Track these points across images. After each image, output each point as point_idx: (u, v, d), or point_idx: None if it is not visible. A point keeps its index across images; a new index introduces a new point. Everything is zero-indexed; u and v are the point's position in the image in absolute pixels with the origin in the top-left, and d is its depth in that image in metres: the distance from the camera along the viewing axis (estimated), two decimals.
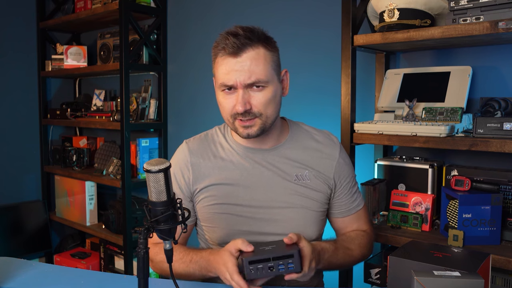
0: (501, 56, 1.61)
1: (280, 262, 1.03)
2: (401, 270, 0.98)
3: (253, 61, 1.15)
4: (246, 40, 1.14)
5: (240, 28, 1.16)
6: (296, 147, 1.30)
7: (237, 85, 1.15)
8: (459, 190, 1.47)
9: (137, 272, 0.90)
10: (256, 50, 1.16)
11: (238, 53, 1.14)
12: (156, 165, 0.89)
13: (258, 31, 1.18)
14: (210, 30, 2.53)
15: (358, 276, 1.75)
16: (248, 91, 1.16)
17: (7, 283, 1.17)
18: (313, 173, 1.28)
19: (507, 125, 1.36)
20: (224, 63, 1.16)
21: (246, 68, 1.14)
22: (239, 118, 1.18)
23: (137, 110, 2.64)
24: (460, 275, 0.86)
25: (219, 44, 1.17)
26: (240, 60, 1.14)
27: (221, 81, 1.17)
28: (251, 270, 1.03)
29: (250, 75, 1.14)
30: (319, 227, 1.31)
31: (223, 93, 1.19)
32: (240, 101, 1.15)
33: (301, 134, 1.33)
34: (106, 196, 3.17)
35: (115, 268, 2.85)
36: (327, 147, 1.32)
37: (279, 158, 1.28)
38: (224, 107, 1.20)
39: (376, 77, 1.88)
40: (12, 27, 3.15)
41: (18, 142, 3.22)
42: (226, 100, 1.19)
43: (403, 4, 1.55)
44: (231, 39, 1.14)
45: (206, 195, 1.27)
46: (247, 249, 1.06)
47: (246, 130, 1.19)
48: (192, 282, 1.22)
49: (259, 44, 1.16)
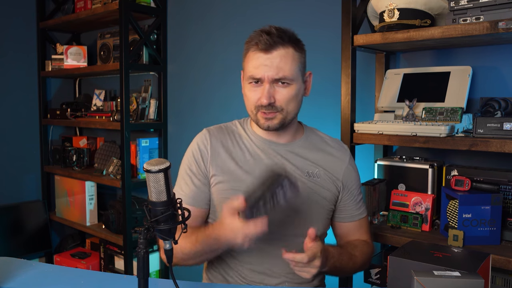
0: (501, 56, 1.61)
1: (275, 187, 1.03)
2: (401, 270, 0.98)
3: (282, 59, 1.21)
4: (278, 38, 1.21)
5: (274, 28, 1.24)
6: (308, 147, 1.36)
7: (264, 79, 1.22)
8: (459, 190, 1.47)
9: (137, 272, 0.90)
10: (286, 49, 1.22)
11: (269, 50, 1.21)
12: (156, 165, 0.89)
13: (289, 32, 1.25)
14: (210, 30, 2.53)
15: (358, 276, 1.75)
16: (273, 86, 1.23)
17: (7, 283, 1.17)
18: (323, 173, 1.33)
19: (507, 125, 1.36)
20: (255, 57, 1.22)
21: (275, 64, 1.21)
22: (262, 111, 1.24)
23: (137, 110, 2.64)
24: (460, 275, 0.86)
25: (252, 39, 1.24)
26: (271, 56, 1.21)
27: (250, 73, 1.24)
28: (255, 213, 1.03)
29: (278, 71, 1.21)
30: (324, 224, 1.34)
31: (250, 85, 1.25)
32: (265, 95, 1.21)
33: (314, 137, 1.39)
34: (106, 196, 3.17)
35: (115, 268, 2.85)
36: (338, 152, 1.38)
37: (292, 154, 1.33)
38: (249, 98, 1.26)
39: (376, 77, 1.88)
40: (12, 27, 3.15)
41: (18, 142, 3.22)
42: (252, 92, 1.25)
43: (403, 4, 1.54)
44: (264, 36, 1.20)
45: (220, 179, 1.30)
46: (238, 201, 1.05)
47: (267, 122, 1.26)
48: (192, 282, 1.22)
49: (289, 44, 1.23)
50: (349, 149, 1.42)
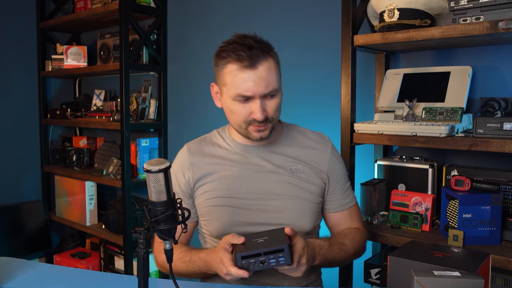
0: (501, 56, 1.61)
1: (271, 256, 1.08)
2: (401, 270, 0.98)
3: (268, 72, 1.21)
4: (259, 51, 1.20)
5: (250, 39, 1.21)
6: (290, 144, 1.37)
7: (255, 95, 1.21)
8: (459, 190, 1.47)
9: (137, 272, 0.90)
10: (268, 61, 1.22)
11: (255, 65, 1.19)
12: (156, 165, 0.89)
13: (265, 42, 1.24)
14: (210, 31, 2.53)
15: (358, 276, 1.75)
16: (264, 100, 1.23)
17: (7, 283, 1.17)
18: (307, 167, 1.34)
19: (507, 125, 1.36)
20: (241, 75, 1.20)
21: (263, 79, 1.20)
22: (254, 125, 1.25)
23: (137, 110, 2.64)
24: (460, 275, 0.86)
25: (230, 54, 1.20)
26: (257, 71, 1.20)
27: (237, 92, 1.21)
28: (243, 264, 1.08)
29: (267, 86, 1.21)
30: (313, 218, 1.34)
31: (237, 102, 1.23)
32: (259, 110, 1.21)
33: (295, 133, 1.40)
34: (106, 196, 3.17)
35: (115, 268, 2.85)
36: (319, 145, 1.39)
37: (274, 154, 1.34)
38: (238, 114, 1.25)
39: (376, 77, 1.88)
40: (12, 27, 3.15)
41: (18, 142, 3.22)
42: (241, 109, 1.24)
43: (403, 4, 1.54)
44: (247, 52, 1.18)
45: (204, 190, 1.33)
46: (238, 241, 1.11)
47: (260, 134, 1.27)
48: (192, 282, 1.23)
49: (268, 55, 1.23)
50: (330, 140, 1.42)
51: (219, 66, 1.25)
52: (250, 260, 1.08)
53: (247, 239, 1.13)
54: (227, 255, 1.11)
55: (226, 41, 1.25)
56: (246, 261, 1.08)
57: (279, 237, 1.11)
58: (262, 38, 1.25)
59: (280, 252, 1.07)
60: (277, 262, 1.08)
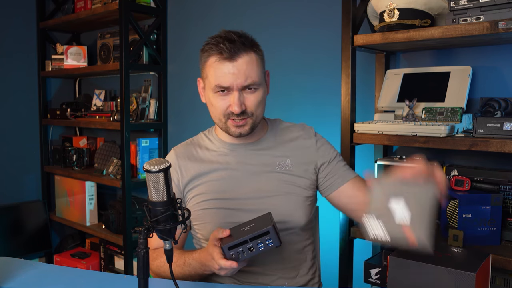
0: (501, 56, 1.61)
1: (258, 241, 1.06)
2: (401, 270, 0.98)
3: (248, 65, 1.22)
4: (241, 45, 1.21)
5: (233, 34, 1.23)
6: (275, 140, 1.37)
7: (233, 87, 1.22)
8: (459, 190, 1.47)
9: (137, 272, 0.90)
10: (250, 55, 1.23)
11: (235, 58, 1.21)
12: (156, 165, 0.89)
13: (249, 37, 1.26)
14: (210, 31, 2.51)
15: (358, 276, 1.75)
16: (242, 93, 1.23)
17: (7, 283, 1.17)
18: (295, 161, 1.34)
19: (507, 125, 1.36)
20: (220, 66, 1.22)
21: (242, 72, 1.21)
22: (232, 118, 1.25)
23: (137, 110, 2.64)
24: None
25: (212, 48, 1.23)
26: (236, 64, 1.21)
27: (216, 82, 1.23)
28: (232, 255, 1.07)
29: (246, 78, 1.21)
30: (306, 212, 1.33)
31: (217, 94, 1.25)
32: (236, 103, 1.22)
33: (279, 129, 1.40)
34: (106, 196, 3.17)
35: (115, 268, 2.85)
36: (304, 135, 1.39)
37: (261, 151, 1.35)
38: (217, 107, 1.26)
39: (376, 77, 1.88)
40: (12, 27, 3.15)
41: (18, 142, 3.21)
42: (220, 101, 1.25)
43: (403, 4, 1.54)
44: (227, 44, 1.20)
45: (195, 193, 1.32)
46: (223, 234, 1.10)
47: (239, 130, 1.27)
48: (192, 282, 1.22)
49: (251, 49, 1.24)
50: (313, 128, 1.41)
51: (202, 59, 1.27)
52: (237, 249, 1.07)
53: (233, 230, 1.12)
54: (216, 249, 1.10)
55: (211, 36, 1.28)
56: (233, 251, 1.07)
57: (264, 221, 1.10)
58: (247, 34, 1.26)
59: (266, 235, 1.06)
60: (265, 246, 1.06)
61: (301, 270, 1.33)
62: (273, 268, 1.28)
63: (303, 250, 1.34)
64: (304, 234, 1.34)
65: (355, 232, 1.68)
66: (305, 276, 1.33)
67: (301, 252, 1.34)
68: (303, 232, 1.34)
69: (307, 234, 1.36)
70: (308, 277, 1.34)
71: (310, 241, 1.38)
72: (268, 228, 1.05)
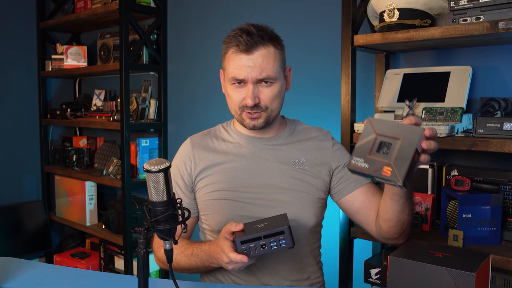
0: (501, 56, 1.61)
1: (271, 240, 1.06)
2: (401, 270, 0.98)
3: (264, 59, 1.22)
4: (258, 38, 1.22)
5: (253, 27, 1.24)
6: (293, 138, 1.38)
7: (248, 79, 1.23)
8: (459, 190, 1.47)
9: (137, 272, 0.90)
10: (268, 48, 1.23)
11: (251, 51, 1.21)
12: (156, 165, 0.89)
13: (269, 30, 1.26)
14: (210, 30, 2.53)
15: (358, 276, 1.75)
16: (257, 86, 1.24)
17: (7, 283, 1.17)
18: (310, 160, 1.34)
19: (507, 125, 1.36)
20: (237, 58, 1.23)
21: (258, 65, 1.22)
22: (247, 111, 1.26)
23: (137, 110, 2.64)
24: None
25: (231, 40, 1.24)
26: (253, 57, 1.22)
27: (232, 74, 1.24)
28: (243, 249, 1.07)
29: (261, 71, 1.22)
30: (316, 213, 1.32)
31: (233, 86, 1.26)
32: (250, 95, 1.23)
33: (297, 128, 1.41)
34: (106, 196, 3.17)
35: (115, 268, 2.85)
36: (321, 137, 1.40)
37: (278, 147, 1.35)
38: (233, 99, 1.27)
39: (376, 77, 1.88)
40: (12, 27, 3.15)
41: (18, 142, 3.21)
42: (236, 93, 1.26)
43: (403, 4, 1.54)
44: (244, 37, 1.21)
45: (206, 183, 1.32)
46: (237, 228, 1.10)
47: (253, 122, 1.27)
48: (192, 282, 1.22)
49: (270, 43, 1.24)
50: (330, 132, 1.43)
51: (223, 51, 1.28)
52: (250, 244, 1.06)
53: (247, 226, 1.12)
54: (227, 242, 1.10)
55: (233, 28, 1.27)
56: (246, 245, 1.06)
57: (280, 221, 1.10)
58: (269, 27, 1.26)
59: (280, 235, 1.05)
60: (278, 245, 1.06)
61: (306, 273, 1.33)
62: (279, 272, 1.28)
63: (310, 254, 1.34)
64: (312, 237, 1.34)
65: (355, 232, 1.68)
66: (308, 280, 1.33)
67: (307, 255, 1.33)
68: (311, 235, 1.33)
69: (314, 237, 1.36)
70: (312, 281, 1.34)
71: (317, 245, 1.38)
72: (284, 228, 1.06)
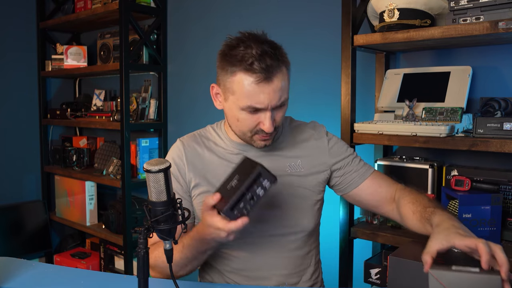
0: (501, 56, 1.61)
1: (255, 187, 0.99)
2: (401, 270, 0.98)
3: (281, 83, 1.14)
4: (274, 62, 1.11)
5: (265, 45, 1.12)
6: (286, 140, 1.33)
7: (267, 107, 1.15)
8: (459, 190, 1.47)
9: (137, 272, 0.90)
10: (282, 71, 1.14)
11: (271, 78, 1.11)
12: (156, 165, 0.89)
13: (279, 47, 1.16)
14: (210, 30, 2.53)
15: (358, 276, 1.75)
16: (274, 111, 1.17)
17: (7, 283, 1.17)
18: (306, 161, 1.31)
19: (507, 125, 1.36)
20: (255, 87, 1.11)
21: (277, 91, 1.13)
22: (262, 135, 1.20)
23: (137, 110, 2.64)
24: (478, 271, 0.82)
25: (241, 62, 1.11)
26: (272, 84, 1.12)
27: (249, 103, 1.14)
28: (236, 214, 0.99)
29: (280, 97, 1.15)
30: (314, 215, 1.31)
31: (247, 112, 1.16)
32: (269, 123, 1.15)
33: (290, 128, 1.36)
34: (106, 196, 3.17)
35: (115, 268, 2.85)
36: (315, 134, 1.35)
37: (272, 152, 1.31)
38: (245, 124, 1.19)
39: (376, 77, 1.88)
40: (12, 27, 3.15)
41: (18, 142, 3.21)
42: (249, 119, 1.17)
43: (403, 4, 1.54)
44: (263, 62, 1.09)
45: (200, 190, 1.28)
46: (215, 199, 1.02)
47: (264, 142, 1.23)
48: (192, 282, 1.22)
49: (282, 63, 1.15)
50: (324, 126, 1.38)
51: (225, 70, 1.15)
52: (239, 206, 0.99)
53: (222, 191, 1.04)
54: (216, 218, 1.02)
55: (234, 40, 1.15)
56: (236, 209, 0.99)
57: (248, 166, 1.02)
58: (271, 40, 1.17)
59: (259, 178, 0.98)
60: (264, 188, 0.99)
61: (305, 276, 1.32)
62: (277, 273, 1.27)
63: (308, 255, 1.33)
64: (309, 239, 1.33)
65: (355, 232, 1.68)
66: (308, 281, 1.33)
67: (305, 257, 1.32)
68: (309, 237, 1.32)
69: (312, 238, 1.35)
70: (311, 283, 1.34)
71: (315, 245, 1.37)
72: (259, 169, 0.98)
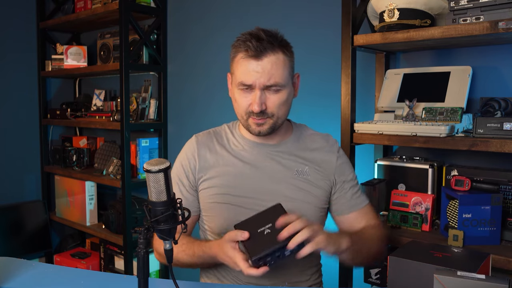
0: (501, 56, 1.61)
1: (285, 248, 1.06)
2: (401, 270, 0.99)
3: (273, 65, 1.21)
4: (268, 44, 1.20)
5: (263, 32, 1.22)
6: (298, 145, 1.36)
7: (255, 85, 1.22)
8: (459, 190, 1.47)
9: (137, 272, 0.90)
10: (277, 55, 1.22)
11: (260, 56, 1.20)
12: (156, 165, 0.89)
13: (279, 36, 1.24)
14: (210, 30, 2.53)
15: (358, 276, 1.75)
16: (265, 92, 1.23)
17: (7, 283, 1.17)
18: (313, 169, 1.33)
19: (507, 125, 1.36)
20: (245, 64, 1.22)
21: (266, 71, 1.20)
22: (253, 117, 1.25)
23: (137, 110, 2.64)
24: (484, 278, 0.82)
25: (241, 44, 1.23)
26: (261, 63, 1.20)
27: (240, 79, 1.23)
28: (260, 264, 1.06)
29: (269, 78, 1.21)
30: (318, 222, 1.32)
31: (241, 91, 1.25)
32: (257, 102, 1.22)
33: (303, 135, 1.40)
34: (106, 196, 3.17)
35: (115, 268, 2.85)
36: (327, 147, 1.38)
37: (282, 154, 1.33)
38: (240, 104, 1.27)
39: (376, 77, 1.88)
40: (12, 27, 3.15)
41: (18, 142, 3.21)
42: (243, 98, 1.25)
43: (403, 4, 1.54)
44: (254, 42, 1.19)
45: (209, 184, 1.32)
46: (243, 237, 1.09)
47: (258, 128, 1.27)
48: (192, 282, 1.22)
49: (279, 49, 1.23)
50: (337, 142, 1.42)
51: (231, 55, 1.27)
52: (266, 259, 1.06)
53: (250, 231, 1.10)
54: (238, 255, 1.09)
55: (243, 32, 1.26)
56: (262, 260, 1.06)
57: None
58: (279, 33, 1.25)
59: None
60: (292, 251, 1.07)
61: (306, 277, 1.33)
62: (279, 275, 1.27)
63: (311, 258, 1.33)
64: None
65: None
66: (308, 281, 1.33)
67: (309, 260, 1.32)
68: None
69: None
70: (311, 283, 1.34)
71: None
72: None
